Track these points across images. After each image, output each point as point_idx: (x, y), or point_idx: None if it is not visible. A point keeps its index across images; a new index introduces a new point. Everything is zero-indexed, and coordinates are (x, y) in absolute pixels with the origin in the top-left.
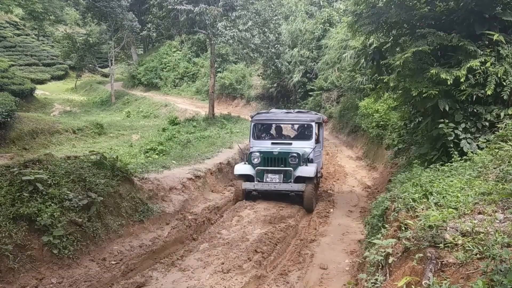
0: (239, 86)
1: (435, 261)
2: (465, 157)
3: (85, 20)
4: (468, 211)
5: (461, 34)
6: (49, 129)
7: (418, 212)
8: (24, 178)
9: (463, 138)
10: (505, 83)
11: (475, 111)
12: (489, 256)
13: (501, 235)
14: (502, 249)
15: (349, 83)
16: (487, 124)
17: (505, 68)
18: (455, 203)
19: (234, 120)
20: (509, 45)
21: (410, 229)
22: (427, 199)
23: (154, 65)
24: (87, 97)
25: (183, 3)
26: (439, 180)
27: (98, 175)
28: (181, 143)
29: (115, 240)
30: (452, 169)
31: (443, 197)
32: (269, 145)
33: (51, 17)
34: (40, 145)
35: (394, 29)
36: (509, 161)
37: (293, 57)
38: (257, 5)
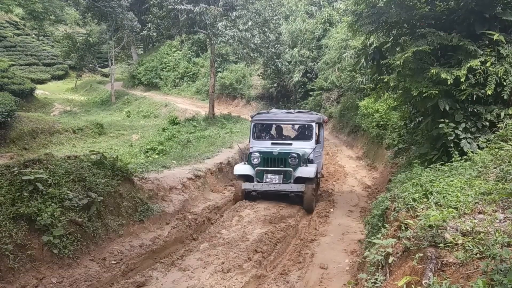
0: (239, 86)
1: (435, 261)
2: (465, 157)
3: (85, 20)
4: (468, 210)
5: (461, 34)
6: (49, 129)
7: (418, 211)
8: (24, 177)
9: (463, 138)
10: (505, 83)
11: (475, 111)
12: (489, 255)
13: (501, 235)
14: (502, 249)
15: (349, 83)
16: (487, 124)
17: (505, 68)
18: (455, 202)
19: (234, 120)
20: (509, 45)
21: (410, 229)
22: (427, 198)
23: (154, 65)
24: (87, 97)
25: (183, 3)
26: (439, 180)
27: (98, 174)
28: (181, 143)
29: (115, 239)
30: (452, 169)
31: (443, 196)
32: (269, 145)
33: (51, 17)
34: (40, 145)
35: (394, 28)
36: (509, 161)
37: (293, 57)
38: (257, 5)
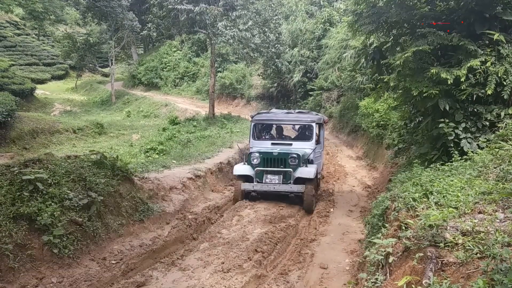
0: (239, 86)
1: (435, 261)
2: (465, 156)
3: (85, 19)
4: (468, 210)
5: (462, 33)
6: (49, 128)
7: (418, 211)
8: (24, 177)
9: (464, 137)
10: (505, 83)
11: (476, 110)
12: (490, 255)
13: (502, 235)
14: (502, 249)
15: (349, 83)
16: (488, 123)
17: (506, 67)
18: (456, 202)
19: (234, 120)
20: (510, 45)
21: (410, 229)
22: (428, 198)
23: (154, 64)
24: (87, 96)
25: (183, 3)
26: (440, 179)
27: (98, 174)
28: (181, 142)
29: (115, 239)
30: (452, 168)
31: (444, 196)
32: (269, 146)
33: (51, 17)
34: (40, 144)
35: (394, 28)
36: (509, 161)
37: (293, 57)
38: (257, 5)
